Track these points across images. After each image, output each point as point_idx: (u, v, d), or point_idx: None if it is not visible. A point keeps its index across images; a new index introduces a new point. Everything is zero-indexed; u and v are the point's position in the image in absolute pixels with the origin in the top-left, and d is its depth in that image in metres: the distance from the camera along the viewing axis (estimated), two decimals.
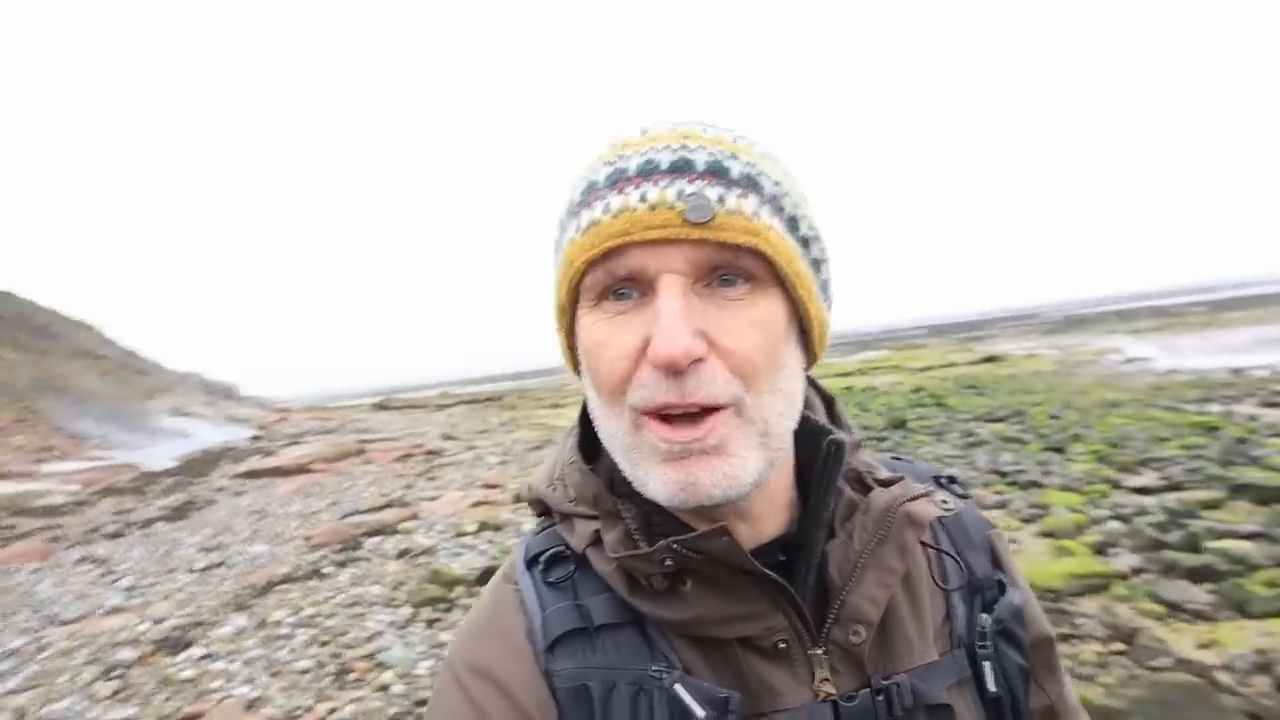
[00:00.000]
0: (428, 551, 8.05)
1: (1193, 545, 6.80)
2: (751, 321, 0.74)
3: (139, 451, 16.43)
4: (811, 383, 0.95)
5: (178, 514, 10.85)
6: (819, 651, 0.79)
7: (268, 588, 7.21)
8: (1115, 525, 7.69)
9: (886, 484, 0.88)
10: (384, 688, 4.90)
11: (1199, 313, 67.59)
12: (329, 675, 5.17)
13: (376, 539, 8.76)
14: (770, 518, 0.84)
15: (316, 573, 7.61)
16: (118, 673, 5.42)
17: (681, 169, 0.73)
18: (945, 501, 0.88)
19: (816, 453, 0.84)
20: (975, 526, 0.97)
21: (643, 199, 0.71)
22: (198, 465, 15.38)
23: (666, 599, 0.77)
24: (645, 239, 0.71)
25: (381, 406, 40.87)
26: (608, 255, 0.73)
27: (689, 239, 0.71)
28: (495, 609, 0.84)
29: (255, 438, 20.43)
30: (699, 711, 0.72)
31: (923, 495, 0.86)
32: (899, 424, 16.21)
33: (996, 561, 0.96)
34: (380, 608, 6.41)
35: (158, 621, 6.42)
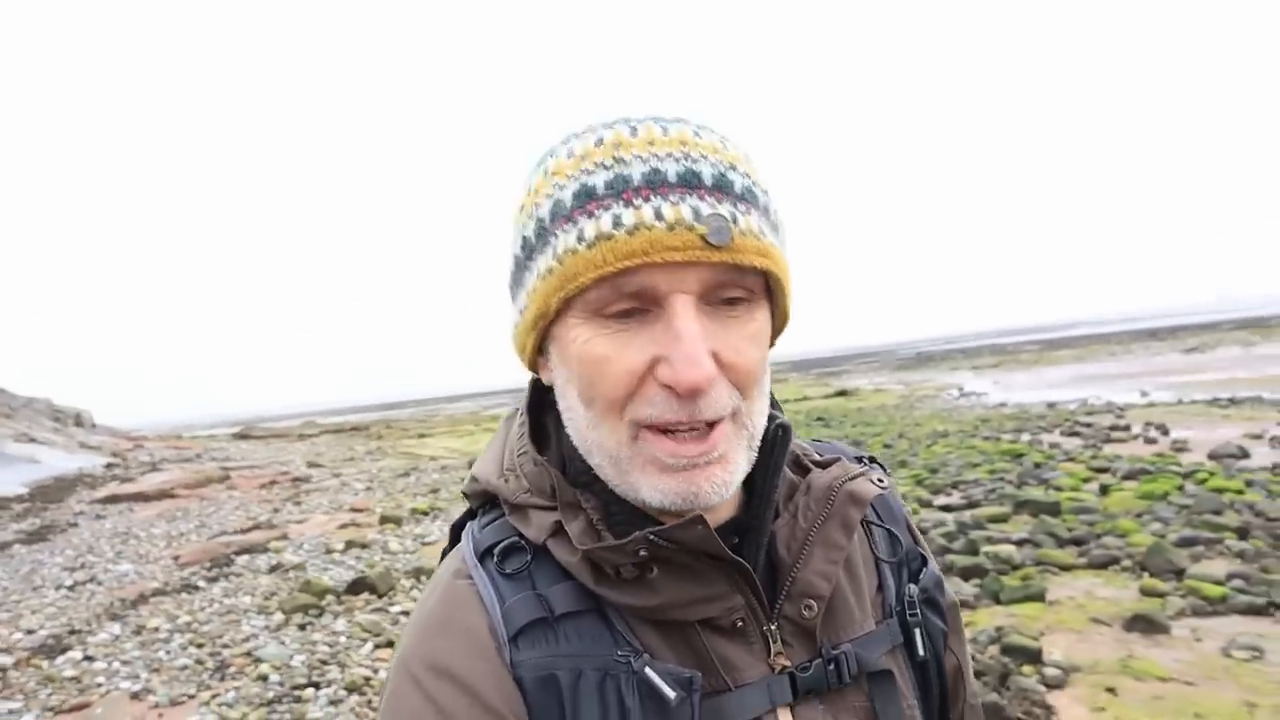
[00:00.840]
0: (298, 567, 8.52)
1: (972, 550, 8.09)
2: (750, 336, 0.76)
3: None
4: None
5: (35, 537, 10.83)
6: (772, 627, 0.82)
7: (140, 600, 7.56)
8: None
9: (824, 465, 0.93)
10: (262, 678, 5.46)
11: (1032, 351, 72.97)
12: (208, 670, 5.68)
13: (246, 556, 9.14)
14: (728, 504, 0.85)
15: (189, 586, 7.99)
16: None
17: (690, 183, 0.72)
18: (881, 480, 0.91)
19: (765, 437, 0.85)
20: (897, 504, 1.02)
21: (658, 216, 0.70)
22: (51, 491, 15.08)
23: (633, 587, 0.78)
24: (665, 261, 0.70)
25: (242, 436, 39.82)
26: (619, 273, 0.71)
27: (708, 262, 0.71)
28: (449, 605, 0.81)
29: (110, 465, 19.96)
30: (670, 692, 0.74)
31: (861, 474, 0.89)
32: None
33: (914, 536, 1.02)
34: (254, 614, 6.90)
35: (30, 632, 6.72)
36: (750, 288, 0.76)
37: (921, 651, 0.91)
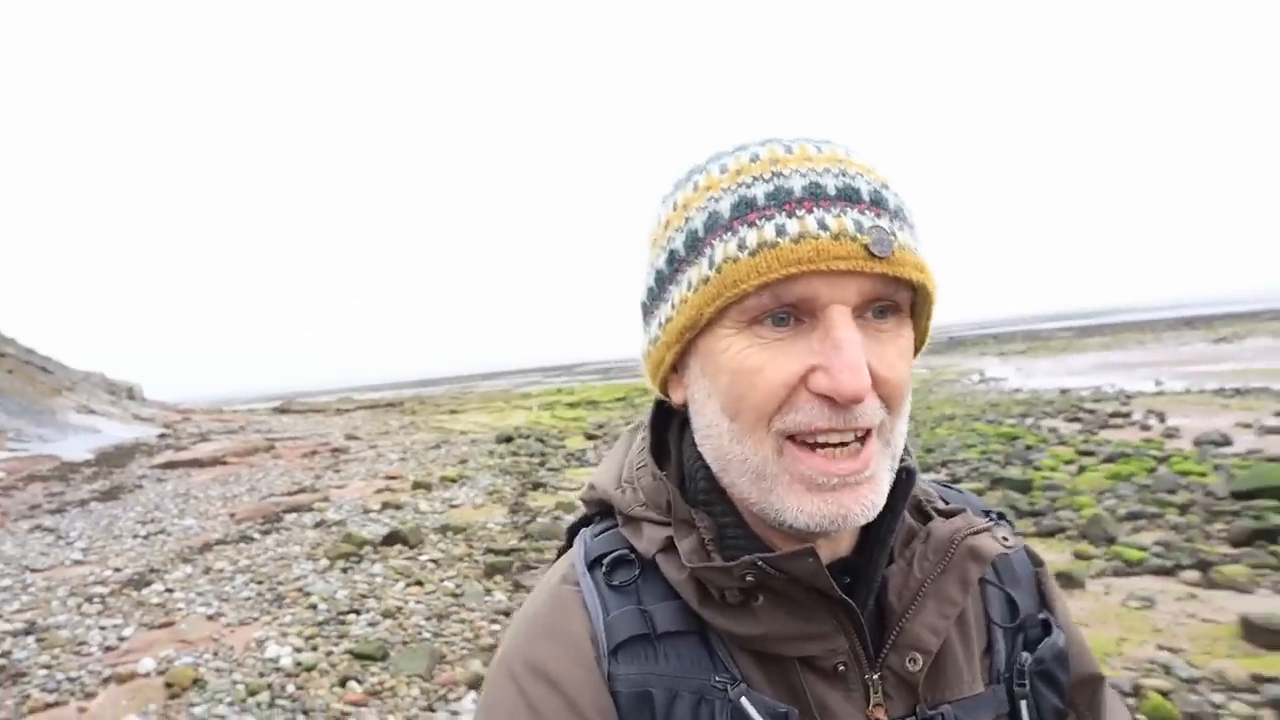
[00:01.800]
0: (339, 523, 9.67)
1: None
2: (899, 352, 0.76)
3: (53, 444, 17.34)
4: None
5: (108, 496, 12.13)
6: (874, 676, 0.79)
7: (205, 548, 8.74)
8: None
9: (946, 514, 0.89)
10: (312, 606, 6.58)
11: (1064, 337, 72.81)
12: (267, 600, 6.82)
13: (294, 515, 10.32)
14: (842, 539, 0.83)
15: (245, 538, 9.16)
16: (97, 600, 6.95)
17: (849, 197, 0.73)
18: (1006, 539, 0.86)
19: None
20: (1022, 564, 0.96)
21: (822, 226, 0.70)
22: (114, 457, 16.46)
23: (737, 613, 0.77)
24: (829, 269, 0.70)
25: (282, 410, 41.36)
26: (781, 280, 0.71)
27: (869, 272, 0.71)
28: (555, 609, 0.82)
29: (163, 435, 21.35)
30: None
31: (985, 530, 0.86)
32: None
33: (1043, 600, 0.95)
34: (303, 560, 8.05)
35: (117, 570, 7.92)
36: (901, 303, 0.76)
37: None
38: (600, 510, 0.94)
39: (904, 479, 0.84)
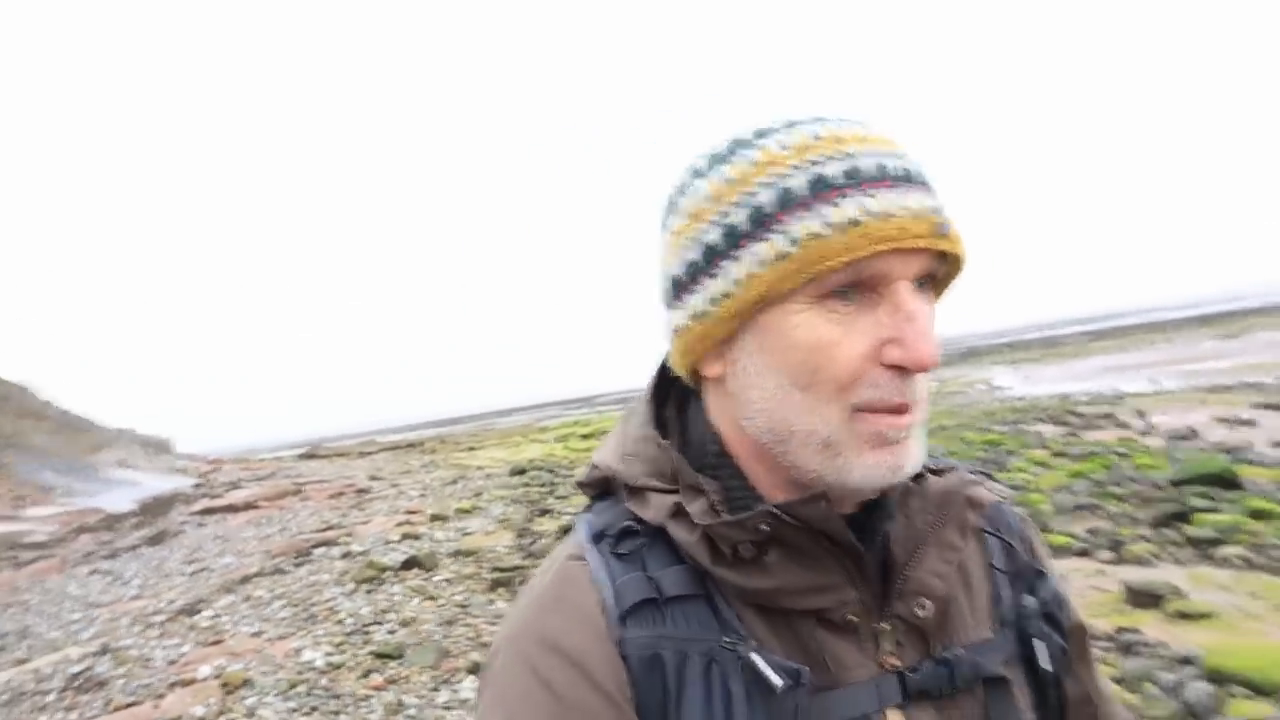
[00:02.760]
0: (363, 553, 10.73)
1: None
2: (937, 324, 0.79)
3: (98, 498, 18.59)
4: None
5: (154, 541, 13.29)
6: (884, 625, 0.82)
7: (244, 580, 9.84)
8: None
9: (938, 472, 0.91)
10: (340, 621, 7.64)
11: (1077, 342, 73.21)
12: (301, 619, 7.89)
13: (323, 548, 11.40)
14: (847, 499, 0.84)
15: (279, 570, 10.25)
16: (156, 626, 8.06)
17: (910, 178, 0.76)
18: (997, 490, 0.92)
19: None
20: (1011, 516, 1.00)
21: (903, 207, 0.74)
22: (155, 507, 17.67)
23: (749, 568, 0.79)
24: (909, 246, 0.73)
25: (308, 455, 42.68)
26: (865, 257, 0.73)
27: (935, 250, 0.76)
28: (561, 584, 0.83)
29: (197, 485, 22.59)
30: (776, 679, 0.74)
31: (977, 483, 0.90)
32: None
33: (1032, 551, 0.99)
34: (332, 585, 9.11)
35: (171, 602, 9.04)
36: (940, 276, 0.80)
37: (1045, 665, 0.88)
38: (599, 492, 0.94)
39: None
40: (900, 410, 0.75)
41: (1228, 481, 9.83)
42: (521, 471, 20.31)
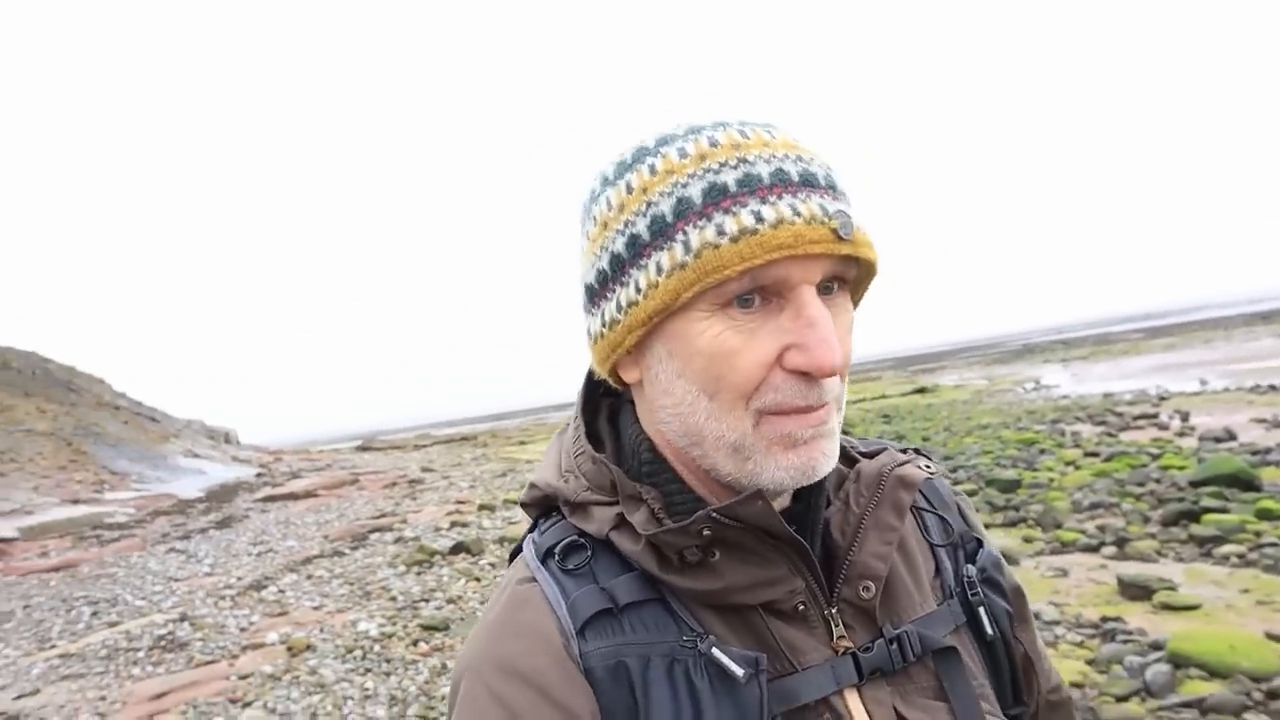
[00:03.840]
0: (415, 539, 11.50)
1: None
2: (847, 326, 0.82)
3: (170, 484, 19.73)
4: None
5: (223, 525, 14.25)
6: (833, 610, 0.84)
7: (307, 561, 10.66)
8: None
9: (869, 455, 0.95)
10: (393, 599, 8.37)
11: (1132, 339, 72.05)
12: (357, 596, 8.64)
13: (377, 534, 12.21)
14: (780, 495, 0.86)
15: (338, 553, 11.06)
16: (228, 599, 8.88)
17: (811, 183, 0.77)
18: (928, 465, 0.94)
19: None
20: (945, 490, 1.03)
21: (795, 212, 0.74)
22: (221, 494, 18.73)
23: (696, 571, 0.80)
24: (805, 253, 0.74)
25: (364, 448, 44.00)
26: (762, 265, 0.74)
27: (837, 254, 0.76)
28: (514, 608, 0.84)
29: (260, 474, 23.70)
30: (737, 669, 0.76)
31: (908, 461, 0.93)
32: None
33: (967, 521, 1.02)
34: (385, 567, 9.87)
35: (240, 579, 9.87)
36: (849, 278, 0.81)
37: (990, 630, 0.92)
38: (543, 511, 0.94)
39: None
40: (805, 411, 0.77)
41: (1245, 482, 10.10)
42: None
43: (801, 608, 0.83)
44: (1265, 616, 6.02)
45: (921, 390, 41.66)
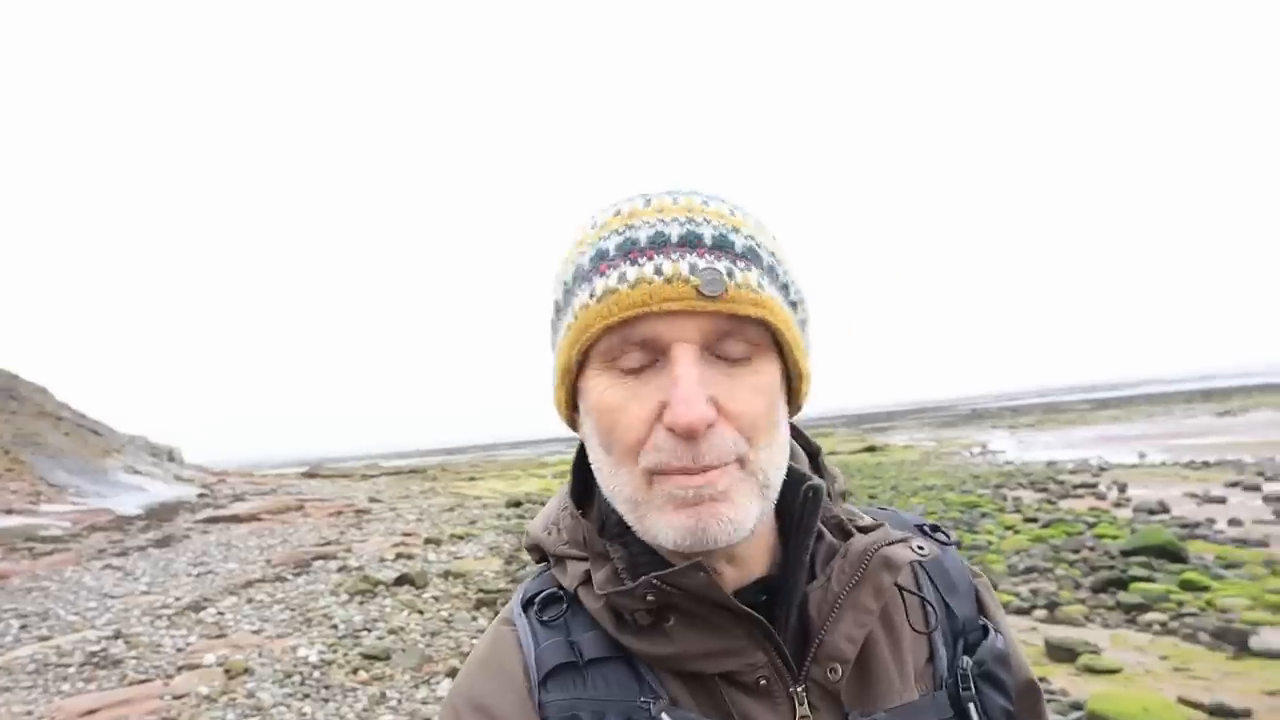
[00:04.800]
0: (359, 568, 11.42)
1: None
2: (755, 387, 0.80)
3: (108, 500, 19.30)
4: (797, 434, 0.99)
5: (162, 544, 14.00)
6: (799, 689, 0.82)
7: (248, 584, 10.53)
8: None
9: (867, 530, 0.92)
10: (334, 626, 8.34)
11: (1079, 410, 73.79)
12: (298, 622, 8.58)
13: (321, 561, 12.09)
14: (754, 560, 0.87)
15: (280, 578, 10.94)
16: (165, 619, 8.76)
17: (691, 243, 0.78)
18: (921, 547, 0.89)
19: (796, 498, 0.87)
20: (959, 572, 1.00)
21: (658, 271, 0.76)
22: (162, 513, 18.38)
23: (650, 634, 0.82)
24: (662, 310, 0.76)
25: (310, 474, 43.32)
26: (625, 323, 0.77)
27: (703, 311, 0.76)
28: (493, 648, 0.89)
29: (202, 495, 23.28)
30: None
31: (900, 540, 0.89)
32: None
33: (981, 608, 0.99)
34: (328, 595, 9.80)
35: (178, 599, 9.73)
36: (753, 340, 0.80)
37: None
38: (542, 556, 0.97)
39: (810, 497, 0.87)
40: (686, 473, 0.76)
41: (1172, 554, 10.49)
42: (517, 504, 21.03)
43: (763, 682, 0.82)
44: (1180, 683, 6.28)
45: (871, 449, 42.25)
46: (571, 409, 0.90)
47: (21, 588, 10.60)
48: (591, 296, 0.79)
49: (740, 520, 0.78)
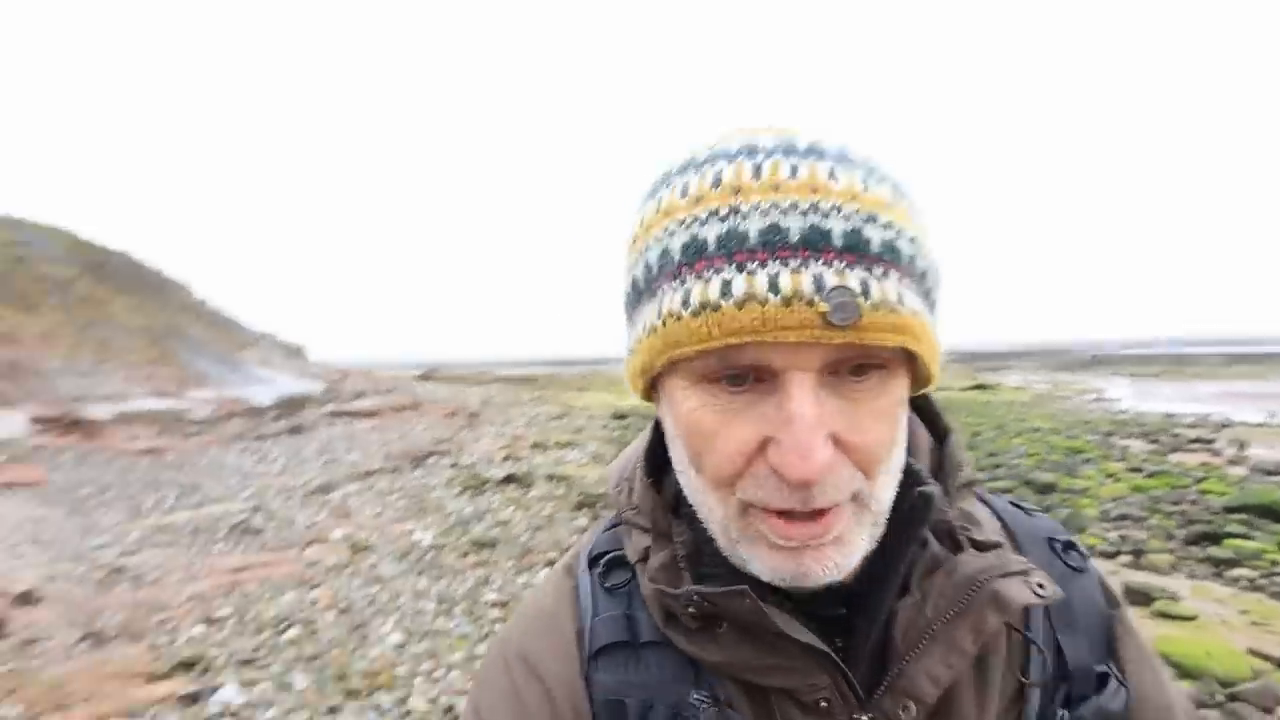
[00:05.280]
0: (470, 466, 12.25)
1: None
2: (879, 413, 0.66)
3: (243, 390, 20.89)
4: (926, 413, 0.86)
5: (293, 432, 15.23)
6: (864, 718, 0.72)
7: (369, 474, 11.47)
8: None
9: (983, 547, 0.77)
10: (446, 515, 9.09)
11: (1209, 364, 70.25)
12: (414, 509, 9.38)
13: (435, 458, 13.00)
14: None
15: (397, 470, 11.87)
16: (297, 498, 9.71)
17: (815, 244, 0.61)
18: (1042, 585, 0.73)
19: (902, 500, 0.73)
20: (1086, 606, 0.82)
21: (773, 289, 0.60)
22: (291, 405, 19.82)
23: (700, 637, 0.74)
24: (776, 340, 0.61)
25: (426, 377, 45.38)
26: (728, 347, 0.63)
27: (829, 344, 0.62)
28: (553, 601, 0.84)
29: (326, 391, 24.83)
30: None
31: (1019, 573, 0.73)
32: None
33: (1111, 649, 0.82)
34: (441, 488, 10.62)
35: (308, 482, 10.71)
36: (884, 360, 0.65)
37: None
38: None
39: (920, 504, 0.74)
40: (789, 518, 0.66)
41: (1277, 514, 10.30)
42: (622, 416, 21.74)
43: (824, 704, 0.72)
44: (1255, 635, 6.36)
45: (981, 387, 41.40)
46: (649, 391, 0.77)
47: (175, 463, 11.88)
48: (685, 306, 0.64)
49: (846, 562, 0.68)
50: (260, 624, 5.70)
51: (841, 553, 0.67)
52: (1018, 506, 0.90)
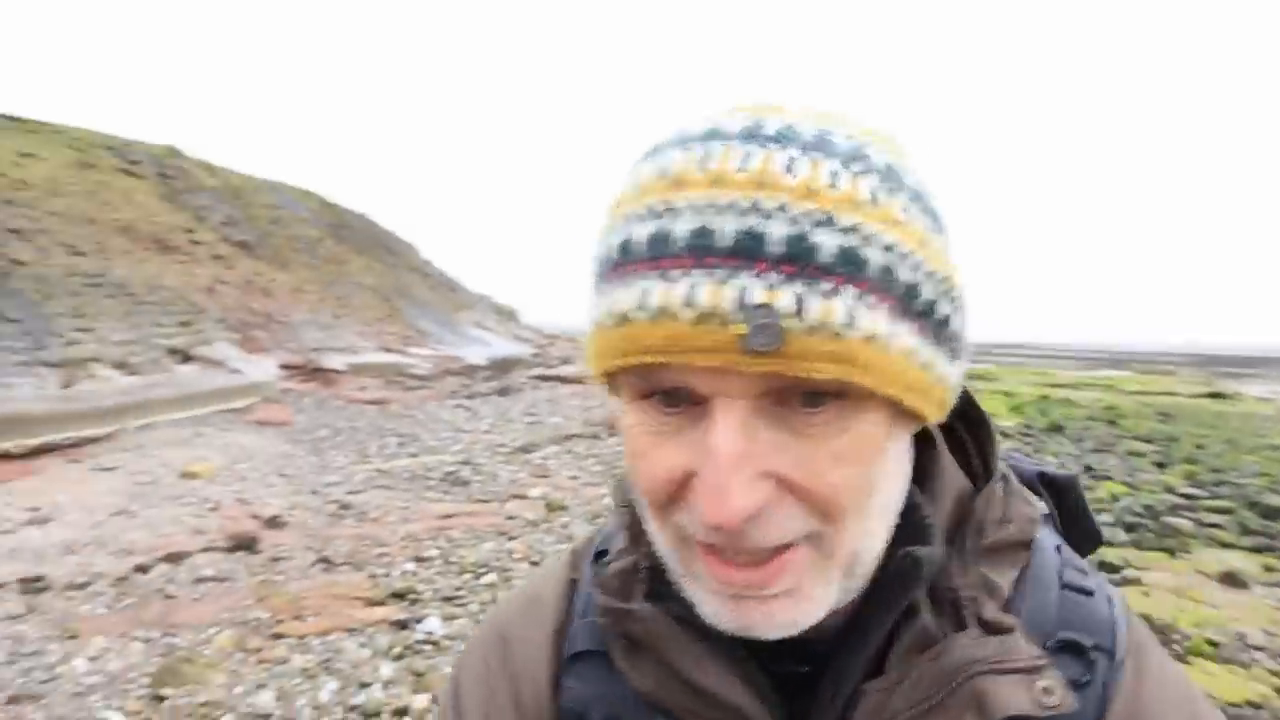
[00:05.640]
0: None
1: (1154, 517, 10.16)
2: (837, 454, 0.54)
3: (459, 349, 22.42)
4: (971, 420, 0.73)
5: (502, 392, 16.28)
6: None
7: (568, 437, 12.13)
8: (1127, 502, 10.96)
9: (992, 628, 0.61)
10: None
11: None
12: (608, 476, 9.87)
13: None
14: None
15: (596, 436, 12.46)
16: (502, 455, 10.47)
17: (748, 251, 0.50)
18: (1049, 691, 0.58)
19: (889, 559, 0.61)
20: (1095, 704, 0.62)
21: (688, 304, 0.50)
22: (502, 366, 21.11)
23: (632, 658, 0.66)
24: (689, 363, 0.51)
25: None
26: (645, 366, 0.54)
27: (749, 371, 0.50)
28: (545, 590, 0.79)
29: (535, 354, 26.16)
30: None
31: (1021, 670, 0.59)
32: (1056, 428, 18.67)
33: None
34: None
35: (513, 440, 11.49)
36: (841, 389, 0.52)
37: None
38: None
39: (908, 567, 0.60)
40: (721, 560, 0.56)
41: None
42: None
43: None
44: None
45: (1216, 395, 37.89)
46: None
47: (397, 413, 13.09)
48: (609, 314, 0.56)
49: (802, 618, 0.58)
50: (462, 567, 6.30)
51: (797, 608, 0.57)
52: (1078, 588, 0.67)
